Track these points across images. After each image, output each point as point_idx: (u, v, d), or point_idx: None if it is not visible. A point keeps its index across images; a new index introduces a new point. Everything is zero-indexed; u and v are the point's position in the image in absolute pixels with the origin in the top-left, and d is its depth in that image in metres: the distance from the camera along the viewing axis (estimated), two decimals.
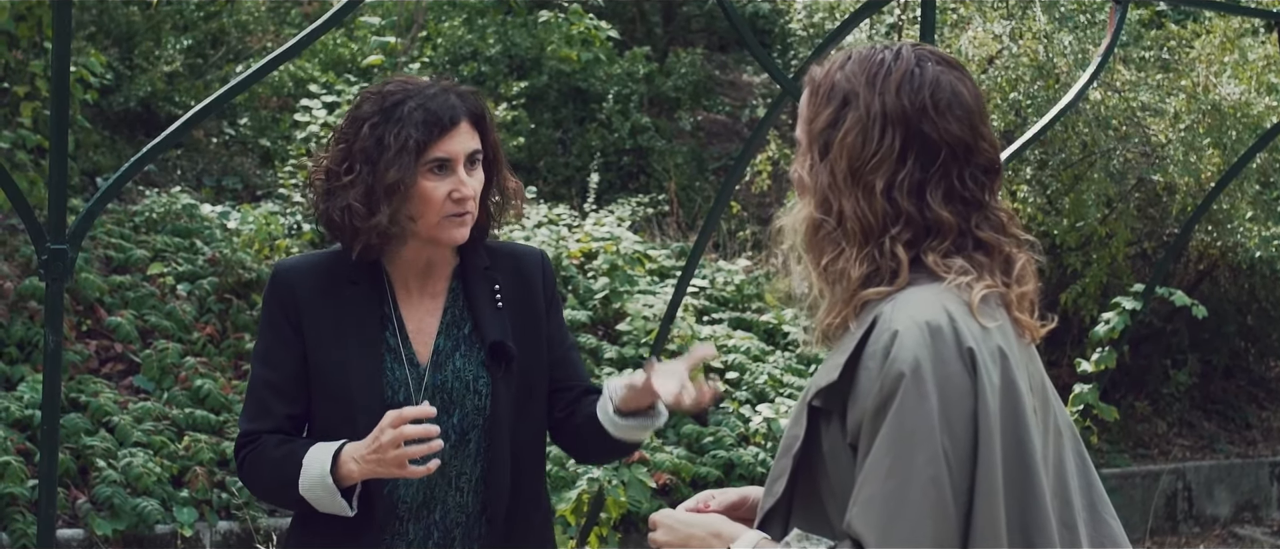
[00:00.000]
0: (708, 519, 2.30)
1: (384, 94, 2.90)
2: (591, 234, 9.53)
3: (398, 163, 2.82)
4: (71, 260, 3.64)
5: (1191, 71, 9.15)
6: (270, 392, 2.93)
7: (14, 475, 6.37)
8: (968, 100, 2.18)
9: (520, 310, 3.01)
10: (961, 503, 2.03)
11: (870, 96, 2.16)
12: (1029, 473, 2.08)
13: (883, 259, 2.15)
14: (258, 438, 2.93)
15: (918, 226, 2.15)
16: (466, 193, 2.88)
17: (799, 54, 11.40)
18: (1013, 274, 2.18)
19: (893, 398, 2.03)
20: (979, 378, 2.05)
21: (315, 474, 2.81)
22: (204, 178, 10.10)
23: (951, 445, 2.02)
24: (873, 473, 2.03)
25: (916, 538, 2.00)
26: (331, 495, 2.80)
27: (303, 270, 2.97)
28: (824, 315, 2.21)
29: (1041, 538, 2.09)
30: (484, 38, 11.70)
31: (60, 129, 3.59)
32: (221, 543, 6.73)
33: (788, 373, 8.71)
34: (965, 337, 2.07)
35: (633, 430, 2.95)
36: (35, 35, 7.99)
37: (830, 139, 2.19)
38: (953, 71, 2.19)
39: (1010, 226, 2.21)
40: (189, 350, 7.62)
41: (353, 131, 2.89)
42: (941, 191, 2.15)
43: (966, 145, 2.16)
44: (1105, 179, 8.99)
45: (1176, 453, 10.17)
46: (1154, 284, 6.51)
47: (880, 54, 2.20)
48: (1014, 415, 2.08)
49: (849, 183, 2.16)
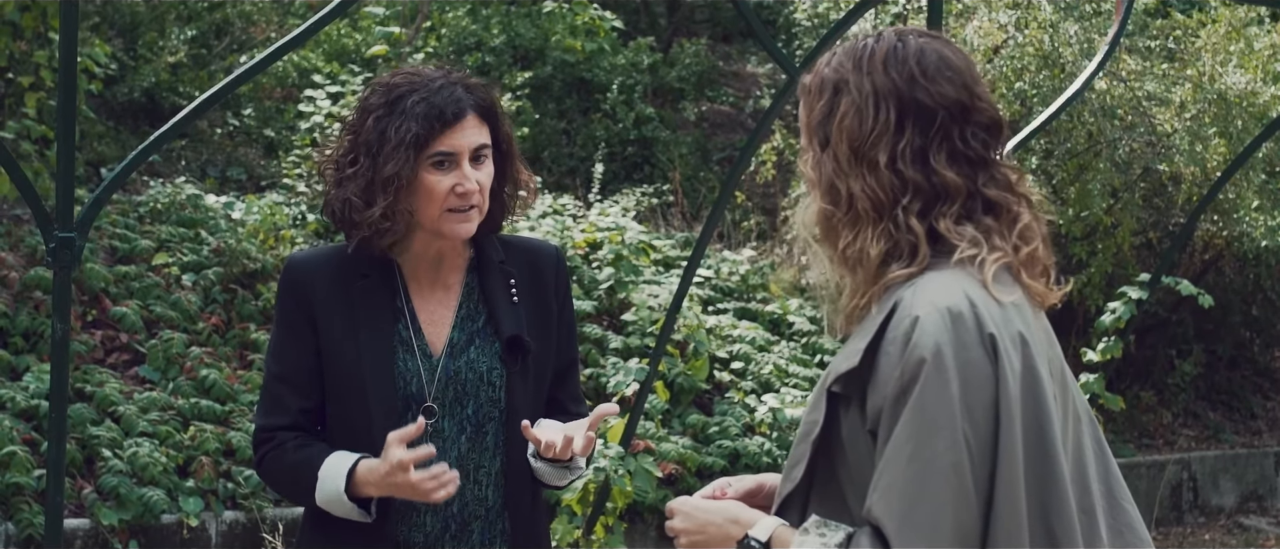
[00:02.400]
0: (725, 506, 2.30)
1: (391, 85, 2.89)
2: (596, 224, 9.53)
3: (396, 157, 2.81)
4: (79, 249, 3.64)
5: (1197, 61, 9.13)
6: (284, 386, 2.91)
7: (20, 465, 6.38)
8: (955, 62, 2.20)
9: (534, 305, 2.99)
10: (982, 490, 2.03)
11: (859, 78, 2.19)
12: (1050, 460, 2.08)
13: (899, 233, 2.15)
14: (274, 435, 2.91)
15: (927, 194, 2.15)
16: (470, 187, 2.86)
17: (804, 44, 11.38)
18: (1016, 234, 2.18)
19: (914, 384, 2.03)
20: (1000, 364, 2.05)
21: (331, 491, 2.81)
22: (208, 168, 10.10)
23: (972, 432, 2.02)
24: (893, 459, 2.03)
25: (937, 524, 2.00)
26: (349, 511, 2.82)
27: (315, 263, 2.96)
28: (847, 299, 2.22)
29: (1062, 525, 2.09)
30: (488, 28, 11.69)
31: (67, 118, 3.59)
32: (227, 533, 6.74)
33: (793, 363, 8.71)
34: (986, 322, 2.06)
35: (547, 475, 2.95)
36: (40, 26, 7.99)
37: (828, 128, 2.21)
38: (936, 41, 2.22)
39: (1018, 185, 2.22)
40: (194, 340, 7.62)
41: (359, 123, 2.89)
42: (945, 154, 2.16)
43: (962, 105, 2.18)
44: (1111, 169, 8.97)
45: (1181, 443, 10.17)
46: (1160, 273, 6.51)
47: (862, 42, 2.23)
48: (1035, 401, 2.08)
49: (853, 163, 2.18)
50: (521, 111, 10.83)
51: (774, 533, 2.19)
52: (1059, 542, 2.09)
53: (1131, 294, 6.43)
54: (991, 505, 2.03)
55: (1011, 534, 2.02)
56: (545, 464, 2.92)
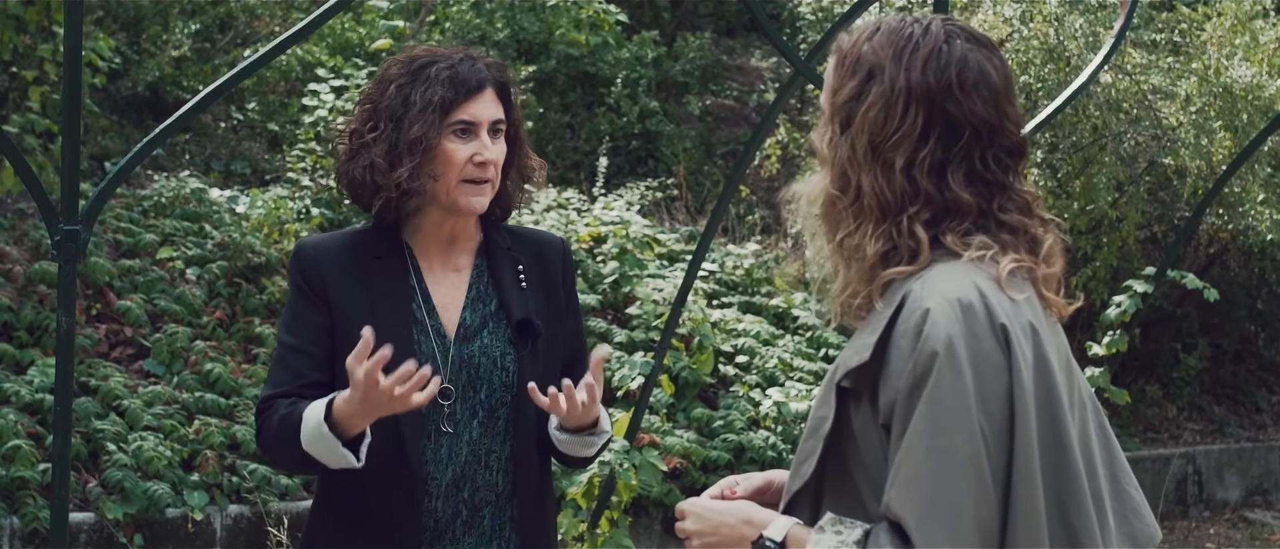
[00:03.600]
0: (737, 506, 2.27)
1: (412, 57, 2.92)
2: (600, 218, 9.52)
3: (422, 119, 2.82)
4: (83, 242, 3.63)
5: (1202, 54, 9.11)
6: (294, 355, 2.89)
7: (25, 459, 6.37)
8: (995, 79, 2.14)
9: (543, 294, 3.00)
10: (999, 482, 2.01)
11: (896, 71, 2.13)
12: (1064, 449, 2.07)
13: (901, 238, 2.12)
14: (273, 403, 2.87)
15: (937, 206, 2.12)
16: (489, 157, 2.87)
17: (807, 38, 11.37)
18: (1041, 254, 2.16)
19: (927, 377, 2.01)
20: (1013, 354, 2.03)
21: (312, 426, 2.76)
22: (212, 162, 10.10)
23: (988, 423, 2.00)
24: (910, 453, 2.01)
25: (958, 518, 1.98)
26: (332, 446, 2.75)
27: (327, 247, 2.96)
28: (841, 291, 2.19)
29: (1078, 516, 2.08)
30: (492, 22, 11.68)
31: (71, 112, 3.58)
32: (232, 527, 6.73)
33: (798, 357, 8.70)
34: (998, 313, 2.04)
35: (572, 446, 2.94)
36: (44, 20, 7.99)
37: (853, 112, 2.16)
38: (981, 49, 2.16)
39: (1036, 208, 2.19)
40: (198, 334, 7.62)
41: (379, 92, 2.90)
42: (963, 173, 2.13)
43: (991, 126, 2.13)
44: (1116, 162, 8.96)
45: (1187, 437, 10.16)
46: (1165, 267, 6.49)
47: (909, 27, 2.16)
48: (1047, 391, 2.07)
49: (869, 158, 2.14)
50: (526, 105, 10.82)
51: (789, 532, 2.16)
52: (1077, 533, 2.08)
53: (1137, 288, 6.41)
54: (1008, 497, 2.01)
55: (1030, 526, 2.01)
56: (568, 434, 2.91)
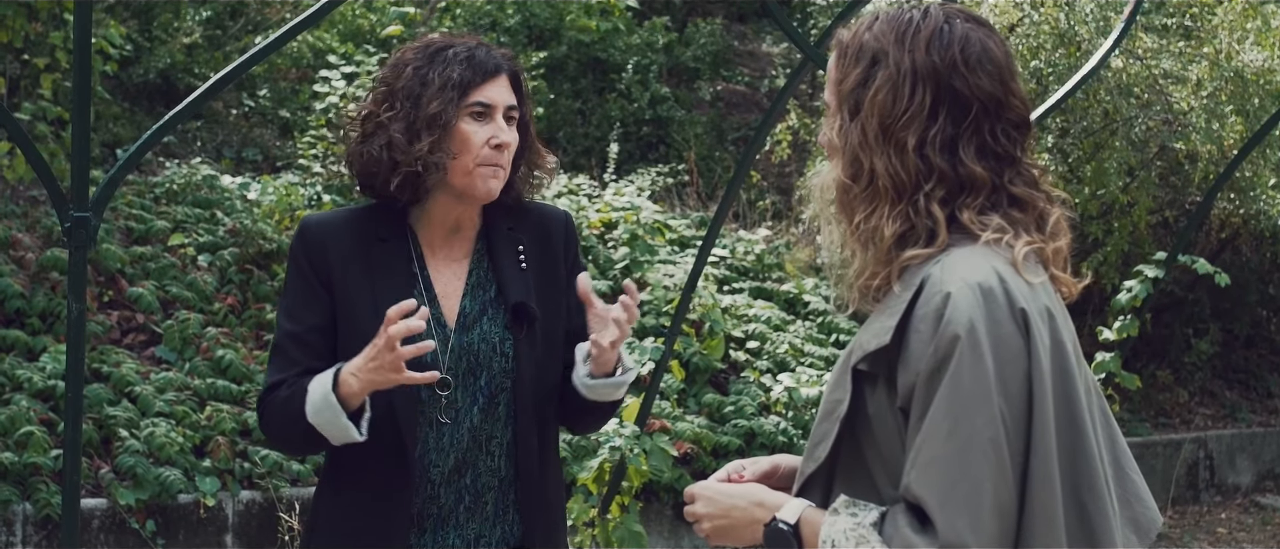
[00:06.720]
0: (748, 489, 2.28)
1: (427, 42, 2.95)
2: (611, 204, 9.53)
3: (441, 96, 2.85)
4: (94, 228, 3.64)
5: (1214, 38, 9.09)
6: (295, 344, 2.89)
7: (37, 445, 6.40)
8: (997, 55, 2.17)
9: (542, 270, 3.00)
10: (1018, 465, 2.03)
11: (900, 54, 2.15)
12: (1080, 433, 2.09)
13: (918, 217, 2.14)
14: (276, 388, 2.88)
15: (951, 183, 2.14)
16: (505, 141, 2.89)
17: (818, 23, 11.36)
18: (1047, 229, 2.18)
19: (948, 361, 2.02)
20: (1032, 339, 2.05)
21: (318, 395, 2.77)
22: (223, 149, 10.11)
23: (1007, 407, 2.02)
24: (931, 436, 2.02)
25: (979, 500, 1.99)
26: (336, 414, 2.76)
27: (332, 225, 2.95)
28: (859, 275, 2.20)
29: (1093, 496, 2.09)
30: (503, 8, 11.67)
31: (82, 99, 3.59)
32: (244, 512, 6.76)
33: (808, 342, 8.71)
34: (1017, 298, 2.06)
35: (602, 390, 2.95)
36: (55, 7, 8.00)
37: (860, 98, 2.18)
38: (981, 28, 2.19)
39: (1042, 182, 2.21)
40: (210, 321, 7.64)
41: (394, 75, 2.91)
42: (974, 147, 2.15)
43: (997, 100, 2.16)
44: (1127, 147, 8.94)
45: (1198, 422, 10.15)
46: (1176, 252, 6.49)
47: (908, 13, 2.20)
48: (1064, 375, 2.08)
49: (880, 141, 2.15)
50: (537, 92, 10.82)
51: (802, 515, 2.17)
52: (1090, 515, 2.09)
53: (1148, 273, 6.42)
54: (1026, 480, 2.03)
55: (1046, 508, 2.03)
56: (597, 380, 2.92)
